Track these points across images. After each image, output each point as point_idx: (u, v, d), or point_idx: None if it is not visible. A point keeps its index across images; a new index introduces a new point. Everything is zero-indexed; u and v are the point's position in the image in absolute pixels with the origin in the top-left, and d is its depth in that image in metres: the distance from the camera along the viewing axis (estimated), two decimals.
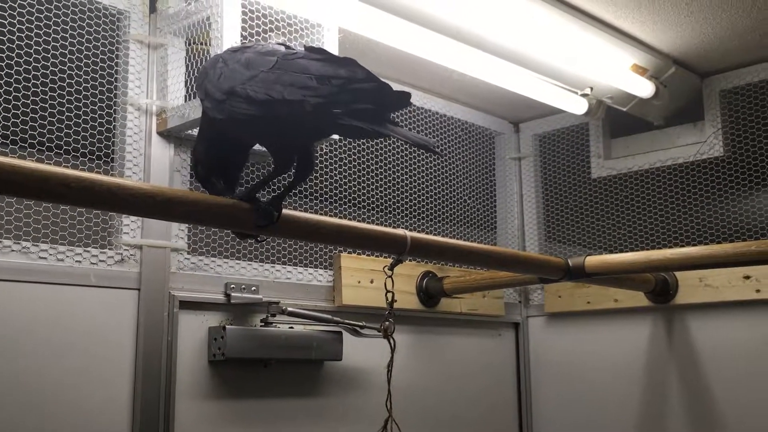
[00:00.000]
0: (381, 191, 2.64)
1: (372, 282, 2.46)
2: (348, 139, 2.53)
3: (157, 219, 1.58)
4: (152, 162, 2.02)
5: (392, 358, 1.83)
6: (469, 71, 2.35)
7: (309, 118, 1.31)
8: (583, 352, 2.88)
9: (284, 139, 1.43)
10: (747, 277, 2.48)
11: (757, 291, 2.46)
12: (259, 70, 1.34)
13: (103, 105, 2.00)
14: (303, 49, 1.40)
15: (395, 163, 2.71)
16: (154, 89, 2.06)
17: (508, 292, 2.99)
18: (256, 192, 1.51)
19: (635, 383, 2.73)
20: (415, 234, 1.81)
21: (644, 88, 2.51)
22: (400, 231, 1.79)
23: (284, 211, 1.53)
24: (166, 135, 2.04)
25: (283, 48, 1.39)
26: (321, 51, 1.36)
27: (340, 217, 1.95)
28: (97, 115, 1.97)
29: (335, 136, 2.21)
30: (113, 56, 2.04)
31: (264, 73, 1.33)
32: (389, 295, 1.82)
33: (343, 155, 2.53)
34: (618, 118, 2.86)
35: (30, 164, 1.22)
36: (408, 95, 1.30)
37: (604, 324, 2.83)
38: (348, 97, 1.28)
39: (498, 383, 2.92)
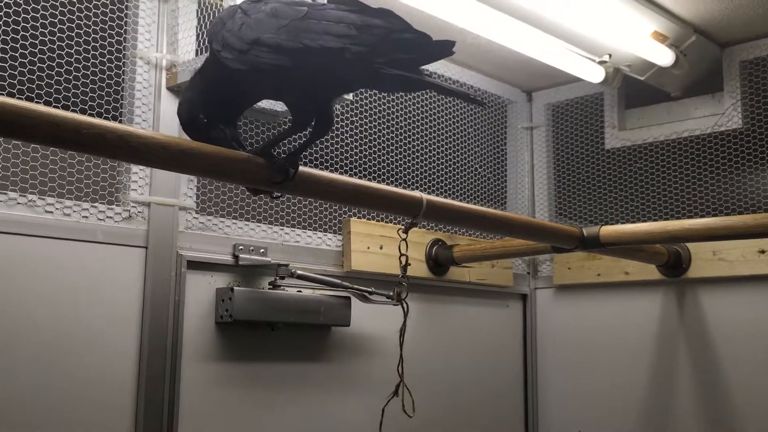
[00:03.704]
0: (389, 158, 2.60)
1: (381, 248, 2.43)
2: (359, 102, 2.48)
3: (170, 170, 1.53)
4: (161, 117, 1.98)
5: (405, 322, 1.80)
6: (485, 33, 2.29)
7: (347, 67, 1.27)
8: (591, 326, 2.85)
9: (308, 93, 1.38)
10: (762, 252, 2.44)
11: None
12: (288, 19, 1.29)
13: (112, 58, 1.94)
14: (327, 1, 1.35)
15: (405, 129, 2.66)
16: (164, 43, 2.00)
17: (516, 262, 2.96)
18: (272, 147, 1.46)
19: (644, 358, 2.70)
20: (430, 197, 1.77)
21: (664, 57, 2.45)
22: (416, 193, 1.75)
23: (300, 168, 1.49)
24: (176, 90, 1.98)
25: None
26: (352, 2, 1.31)
27: None
28: (105, 68, 1.91)
29: (349, 97, 2.18)
30: (123, 8, 1.98)
31: (295, 22, 1.28)
32: (403, 259, 1.78)
33: (354, 119, 2.48)
34: (632, 89, 2.81)
35: (43, 108, 1.17)
36: (451, 44, 1.26)
37: (614, 297, 2.80)
38: (390, 47, 1.25)
39: (505, 354, 2.89)
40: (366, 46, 1.25)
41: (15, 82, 1.74)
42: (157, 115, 1.97)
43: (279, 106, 2.04)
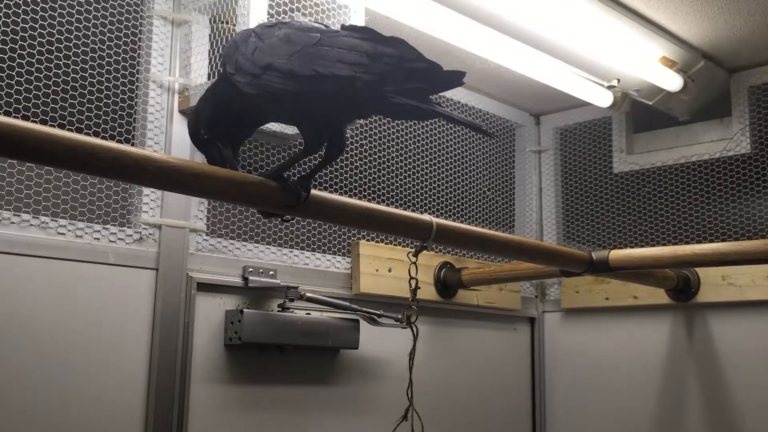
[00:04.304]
0: (398, 181, 2.61)
1: (390, 271, 2.43)
2: (368, 126, 2.49)
3: (182, 193, 1.54)
4: (173, 140, 1.99)
5: (414, 345, 1.80)
6: (494, 57, 2.31)
7: (358, 95, 1.27)
8: (599, 350, 2.84)
9: (319, 118, 1.39)
10: None
11: None
12: (301, 45, 1.30)
13: (125, 81, 1.96)
14: (340, 28, 1.36)
15: (414, 152, 2.67)
16: (177, 66, 2.02)
17: (524, 286, 2.96)
18: (284, 171, 1.47)
19: (653, 383, 2.69)
20: (440, 220, 1.77)
21: (672, 82, 2.47)
22: (426, 216, 1.75)
23: (311, 191, 1.50)
24: (188, 113, 2.00)
25: (322, 26, 1.35)
26: (365, 29, 1.32)
27: None
28: (119, 91, 1.93)
29: (359, 121, 2.19)
30: (136, 32, 2.00)
31: (308, 48, 1.29)
32: (413, 282, 1.78)
33: (363, 142, 2.49)
34: (640, 114, 2.82)
35: (59, 132, 1.18)
36: (461, 74, 1.27)
37: (623, 321, 2.79)
38: (401, 76, 1.26)
39: (512, 378, 2.88)
40: (377, 74, 1.26)
41: (30, 105, 1.76)
42: (169, 138, 1.99)
43: (290, 129, 2.05)
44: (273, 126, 2.01)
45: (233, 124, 1.47)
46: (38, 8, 1.78)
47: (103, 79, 1.90)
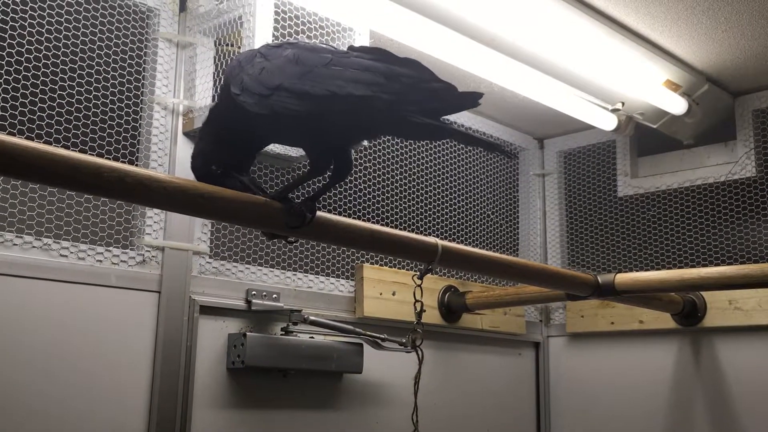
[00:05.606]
0: (402, 204, 2.60)
1: (394, 294, 2.41)
2: (372, 148, 2.49)
3: (187, 214, 1.53)
4: (177, 162, 1.98)
5: (419, 369, 1.78)
6: (499, 80, 2.31)
7: (375, 115, 1.27)
8: (605, 375, 2.81)
9: (326, 139, 1.38)
10: None
11: None
12: (312, 66, 1.29)
13: (130, 103, 1.96)
14: (348, 49, 1.36)
15: (418, 175, 2.66)
16: (182, 89, 2.02)
17: (528, 310, 2.94)
18: (290, 192, 1.46)
19: (659, 409, 2.66)
20: (445, 242, 1.76)
21: (677, 105, 2.46)
22: (431, 239, 1.74)
23: (317, 213, 1.48)
24: (192, 135, 1.99)
25: (330, 47, 1.35)
26: (376, 50, 1.32)
27: None
28: (123, 113, 1.93)
29: (365, 142, 2.18)
30: (141, 54, 2.00)
31: (320, 69, 1.28)
32: (418, 305, 1.77)
33: (367, 164, 2.49)
34: (645, 137, 2.81)
35: (63, 151, 1.18)
36: (478, 95, 1.26)
37: (628, 346, 2.76)
38: (419, 96, 1.26)
39: (517, 404, 2.85)
40: (395, 94, 1.25)
41: (33, 126, 1.76)
42: (172, 159, 1.98)
43: (294, 151, 2.05)
44: (277, 148, 2.00)
45: (239, 151, 1.46)
46: (44, 30, 1.78)
47: (108, 101, 1.89)
